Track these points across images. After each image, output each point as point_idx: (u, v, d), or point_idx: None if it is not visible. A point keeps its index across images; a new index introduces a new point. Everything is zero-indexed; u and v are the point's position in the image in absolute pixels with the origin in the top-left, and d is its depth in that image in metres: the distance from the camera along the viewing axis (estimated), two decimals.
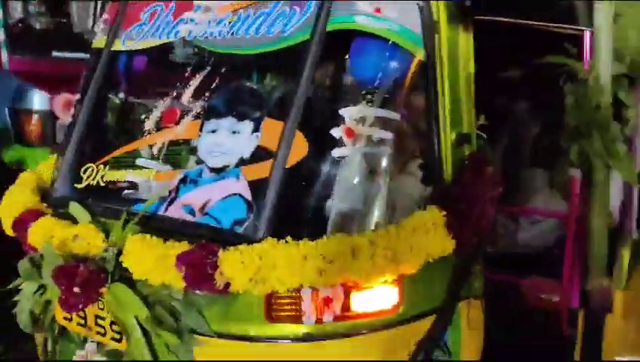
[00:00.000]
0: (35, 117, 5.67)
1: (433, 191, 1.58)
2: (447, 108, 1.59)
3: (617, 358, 3.03)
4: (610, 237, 2.85)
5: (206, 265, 1.40)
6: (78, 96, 2.17)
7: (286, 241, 1.39)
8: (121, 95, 2.06)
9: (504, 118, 3.14)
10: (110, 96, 2.04)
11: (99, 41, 2.15)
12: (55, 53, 6.29)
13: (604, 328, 2.80)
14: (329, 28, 1.60)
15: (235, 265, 1.37)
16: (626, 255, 2.78)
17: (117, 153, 1.91)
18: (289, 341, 1.47)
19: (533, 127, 2.88)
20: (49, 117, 5.66)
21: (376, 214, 1.50)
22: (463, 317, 1.64)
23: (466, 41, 1.61)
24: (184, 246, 1.46)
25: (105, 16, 2.16)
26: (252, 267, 1.37)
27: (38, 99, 5.65)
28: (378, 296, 1.49)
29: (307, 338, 1.47)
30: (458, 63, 1.61)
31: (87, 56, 6.75)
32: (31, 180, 2.10)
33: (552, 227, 2.79)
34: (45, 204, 1.92)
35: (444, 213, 1.47)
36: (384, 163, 1.56)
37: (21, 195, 1.99)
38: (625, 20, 2.31)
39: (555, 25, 2.28)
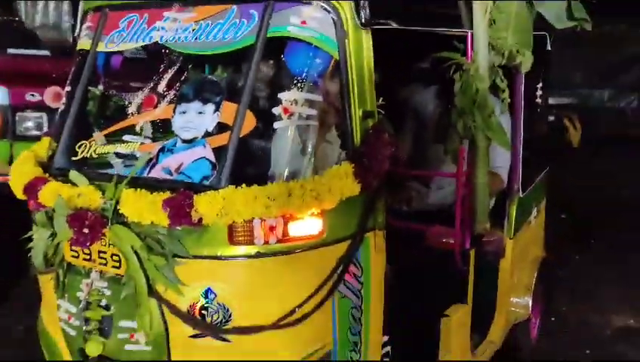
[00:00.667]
0: None
1: (347, 152, 2.18)
2: (355, 92, 2.16)
3: (512, 299, 3.71)
4: (501, 197, 3.52)
5: (185, 206, 1.94)
6: (68, 88, 2.67)
7: (241, 187, 1.97)
8: (107, 86, 2.57)
9: (409, 104, 3.77)
10: (97, 87, 2.56)
11: (84, 44, 2.61)
12: (10, 50, 6.56)
13: (499, 269, 3.47)
14: (269, 35, 2.14)
15: (205, 205, 1.92)
16: (513, 210, 3.47)
17: (106, 131, 2.44)
18: (245, 258, 2.00)
19: (435, 110, 3.51)
20: (8, 110, 5.96)
21: (305, 168, 2.10)
22: (371, 243, 2.24)
23: (367, 44, 2.18)
24: (167, 194, 2.01)
25: (88, 23, 2.66)
26: (218, 205, 1.92)
27: None
28: (308, 225, 2.03)
29: (258, 255, 1.99)
30: (362, 60, 2.17)
31: (41, 52, 7.06)
32: (31, 157, 2.58)
33: (453, 191, 3.33)
34: (47, 174, 2.43)
35: (353, 165, 2.08)
36: (311, 132, 2.16)
37: (27, 168, 2.47)
38: (499, 24, 2.95)
39: (446, 30, 2.90)
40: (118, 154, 2.31)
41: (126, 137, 2.33)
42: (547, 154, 4.30)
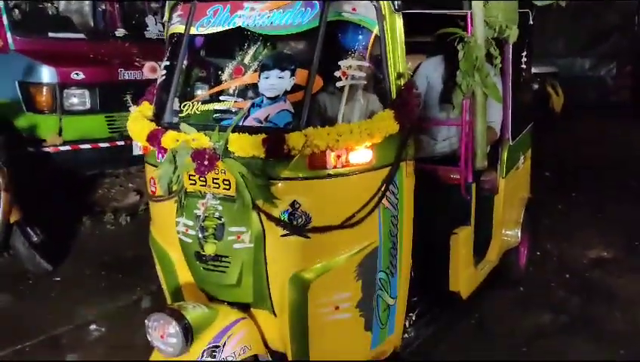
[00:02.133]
0: (45, 88, 6.69)
1: (386, 102, 3.00)
2: (391, 59, 2.97)
3: (504, 231, 4.55)
4: (495, 146, 4.35)
5: (279, 141, 2.73)
6: (166, 63, 3.42)
7: (317, 127, 2.78)
8: (200, 61, 3.36)
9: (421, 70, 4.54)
10: (192, 62, 3.35)
11: (176, 28, 3.32)
12: (50, 34, 7.23)
13: (494, 203, 4.32)
14: (328, 19, 2.95)
15: (294, 140, 2.69)
16: (504, 155, 4.31)
17: (206, 94, 3.24)
18: (320, 178, 2.76)
19: (443, 75, 4.30)
20: (56, 88, 6.68)
21: (359, 115, 2.93)
22: (404, 170, 3.05)
23: (399, 24, 2.96)
24: (263, 135, 2.80)
25: (179, 12, 3.40)
26: (302, 140, 2.67)
27: (47, 73, 6.65)
28: (362, 155, 2.77)
29: (329, 176, 2.72)
30: (396, 36, 2.97)
31: (77, 35, 7.74)
32: (140, 116, 3.36)
33: (456, 141, 4.09)
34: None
35: (393, 112, 2.91)
36: (362, 88, 2.98)
37: (142, 123, 3.25)
38: (491, 4, 3.75)
39: (452, 11, 3.69)
40: (217, 110, 3.11)
41: (222, 97, 3.13)
42: (532, 112, 5.14)
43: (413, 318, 3.61)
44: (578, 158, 9.25)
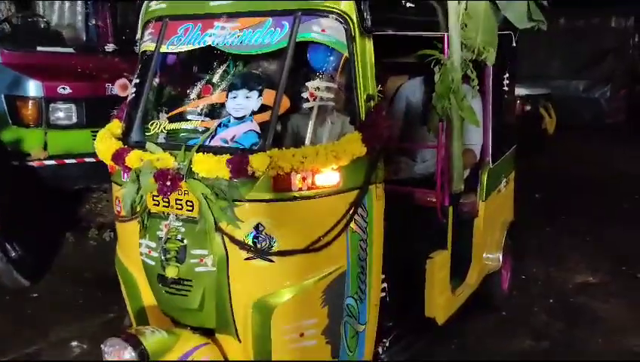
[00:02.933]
0: (30, 102, 6.64)
1: (355, 124, 2.95)
2: (360, 81, 2.93)
3: (484, 254, 4.49)
4: (475, 168, 4.31)
5: (243, 163, 2.69)
6: (136, 80, 3.39)
7: (282, 149, 2.73)
8: (169, 79, 3.32)
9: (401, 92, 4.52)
10: (162, 79, 3.31)
11: (147, 46, 3.29)
12: (39, 48, 7.19)
13: (473, 226, 4.26)
14: (298, 39, 2.92)
15: (257, 161, 2.65)
16: (484, 178, 4.26)
17: (174, 113, 3.20)
18: (285, 201, 2.72)
19: (421, 97, 4.27)
20: (42, 102, 6.63)
21: (328, 136, 2.88)
22: (374, 193, 3.00)
23: (369, 46, 2.93)
24: (228, 156, 2.75)
25: (150, 30, 3.37)
26: (266, 161, 2.64)
27: (33, 87, 6.61)
28: (329, 177, 2.70)
29: (294, 198, 2.67)
30: (366, 57, 2.91)
31: (66, 50, 7.67)
32: (108, 134, 3.32)
33: (434, 163, 3.93)
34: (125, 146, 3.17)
35: (361, 134, 2.85)
36: (330, 110, 2.94)
37: (109, 142, 3.20)
38: (469, 26, 3.71)
39: (429, 33, 3.65)
40: (184, 130, 3.06)
41: (190, 116, 3.09)
42: (515, 134, 5.09)
43: (387, 344, 3.52)
44: (570, 180, 9.19)
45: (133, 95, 3.29)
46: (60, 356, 4.19)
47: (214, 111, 3.08)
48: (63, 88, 6.59)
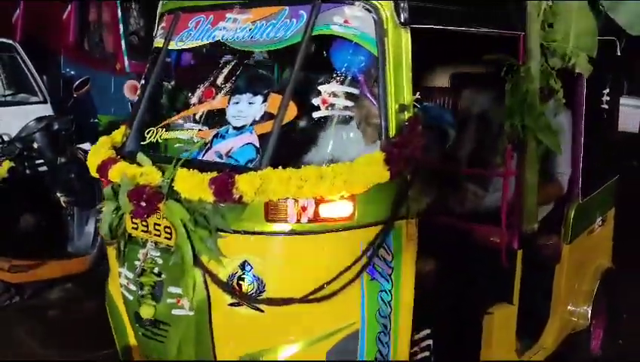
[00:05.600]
0: None
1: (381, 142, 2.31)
2: (392, 87, 2.28)
3: (569, 308, 3.66)
4: (560, 202, 3.50)
5: (227, 184, 2.14)
6: (142, 82, 2.97)
7: (277, 168, 2.15)
8: (175, 80, 2.85)
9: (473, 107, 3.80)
10: (167, 80, 2.84)
11: (158, 42, 2.92)
12: None
13: (554, 274, 3.46)
14: (314, 33, 2.31)
15: (245, 183, 2.09)
16: (570, 216, 3.44)
17: (171, 120, 2.70)
18: (279, 235, 2.16)
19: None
20: None
21: (338, 154, 2.25)
22: (403, 231, 2.34)
23: (406, 42, 2.30)
24: (214, 174, 2.22)
25: (163, 24, 2.95)
26: (256, 184, 2.09)
27: None
28: (339, 207, 2.14)
29: (290, 233, 2.14)
30: (401, 57, 2.28)
31: None
32: (107, 141, 2.87)
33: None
34: (119, 156, 2.72)
35: (384, 154, 2.20)
36: (347, 122, 2.31)
37: (101, 150, 2.76)
38: (556, 26, 2.95)
39: (498, 30, 2.93)
40: (179, 140, 2.55)
41: (187, 125, 2.58)
42: (617, 162, 4.19)
43: None
44: None
45: (137, 98, 2.83)
46: None
47: (215, 118, 2.54)
48: None
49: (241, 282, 2.19)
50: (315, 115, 2.24)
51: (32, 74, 6.18)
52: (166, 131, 2.62)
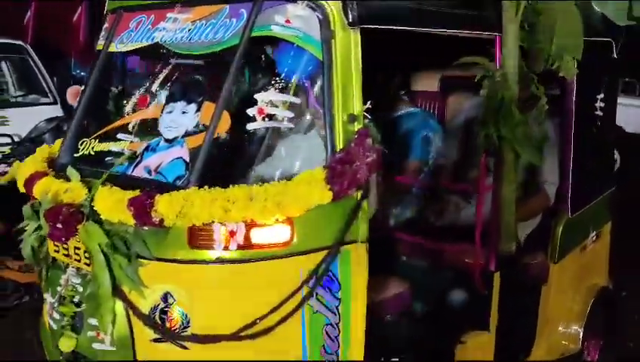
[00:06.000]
0: None
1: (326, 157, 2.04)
2: (339, 95, 2.01)
3: (559, 329, 3.37)
4: (546, 217, 3.22)
5: (146, 205, 1.90)
6: (83, 88, 2.74)
7: (204, 189, 1.89)
8: (115, 85, 2.60)
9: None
10: (106, 86, 2.59)
11: (100, 45, 2.70)
12: None
13: (539, 296, 3.18)
14: (253, 34, 2.06)
15: (165, 205, 1.85)
16: (558, 232, 3.16)
17: (104, 130, 2.46)
18: (204, 263, 1.90)
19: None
20: None
21: (275, 172, 1.99)
22: (352, 257, 2.06)
23: (355, 44, 2.04)
24: (135, 193, 1.98)
25: (106, 24, 2.71)
26: (177, 206, 1.86)
27: None
28: (273, 232, 1.90)
29: (217, 261, 1.90)
30: (350, 61, 2.02)
31: None
32: (43, 153, 2.63)
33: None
34: (51, 169, 2.48)
35: (325, 171, 1.94)
36: (285, 135, 2.05)
37: (32, 163, 2.52)
38: (537, 26, 2.68)
39: (470, 32, 2.65)
40: (110, 152, 2.31)
41: (120, 135, 2.33)
42: (612, 174, 3.89)
43: None
44: None
45: (76, 106, 2.59)
46: None
47: (148, 128, 2.29)
48: None
49: (163, 316, 1.94)
50: (250, 126, 1.98)
51: (43, 75, 6.20)
52: (99, 142, 2.38)
